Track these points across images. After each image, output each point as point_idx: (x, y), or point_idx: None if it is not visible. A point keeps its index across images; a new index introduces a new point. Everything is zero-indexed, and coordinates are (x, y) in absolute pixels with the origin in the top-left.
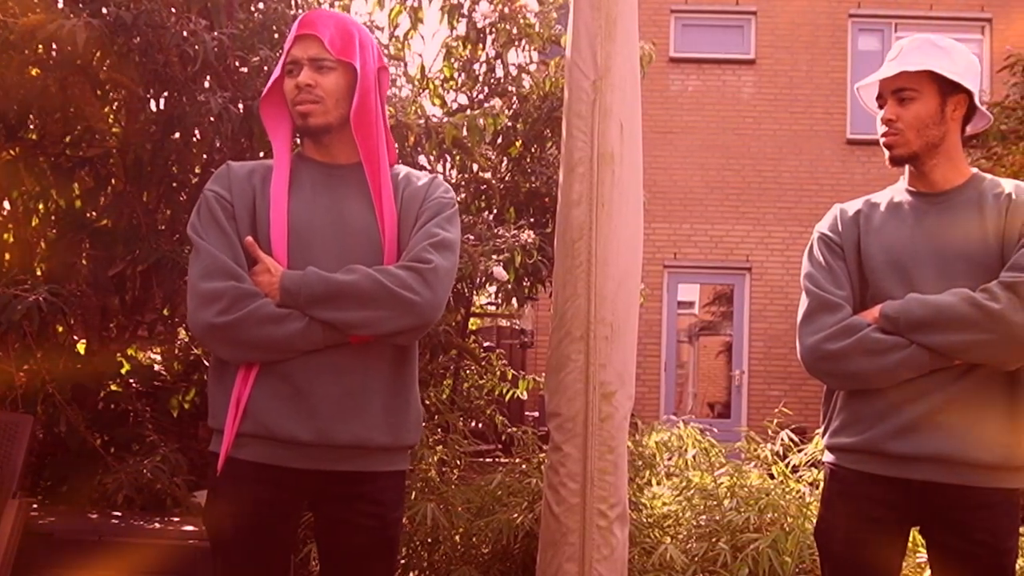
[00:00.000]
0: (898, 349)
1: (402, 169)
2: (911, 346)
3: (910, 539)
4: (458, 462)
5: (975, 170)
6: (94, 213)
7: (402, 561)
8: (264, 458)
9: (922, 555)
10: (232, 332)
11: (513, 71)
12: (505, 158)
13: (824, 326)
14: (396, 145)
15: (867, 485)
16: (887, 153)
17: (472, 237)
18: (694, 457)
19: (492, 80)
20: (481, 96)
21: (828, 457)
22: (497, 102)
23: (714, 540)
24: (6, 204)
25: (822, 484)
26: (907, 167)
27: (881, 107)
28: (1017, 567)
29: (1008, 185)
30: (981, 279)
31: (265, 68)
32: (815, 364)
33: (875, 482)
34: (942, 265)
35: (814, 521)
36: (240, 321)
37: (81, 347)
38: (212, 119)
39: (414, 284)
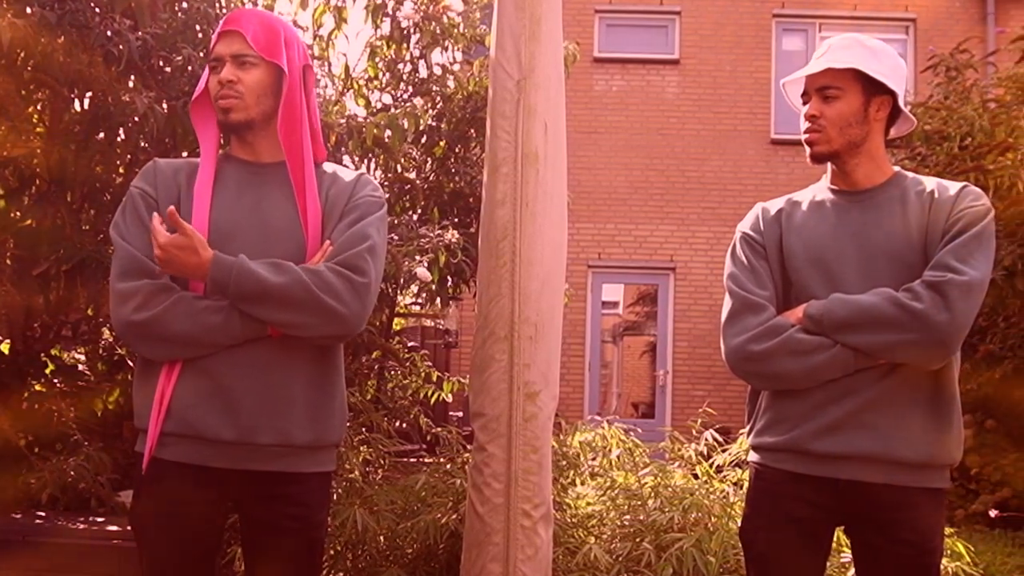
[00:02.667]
0: (822, 350)
1: (330, 167)
2: (835, 346)
3: (834, 539)
4: (382, 462)
5: (897, 168)
6: (18, 213)
7: (327, 562)
8: (188, 458)
9: (846, 555)
10: (149, 328)
11: (437, 71)
12: (429, 158)
13: (748, 327)
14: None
15: (792, 484)
16: (808, 150)
17: (396, 237)
18: (618, 457)
19: (416, 80)
20: (406, 96)
21: (753, 456)
22: (419, 101)
23: (638, 540)
24: None
25: (747, 484)
26: (829, 166)
27: (806, 104)
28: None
29: (930, 183)
30: (904, 276)
31: (189, 68)
32: (739, 365)
33: (800, 481)
34: (865, 263)
35: (739, 521)
36: (156, 317)
37: (5, 347)
38: (137, 119)
39: (344, 295)
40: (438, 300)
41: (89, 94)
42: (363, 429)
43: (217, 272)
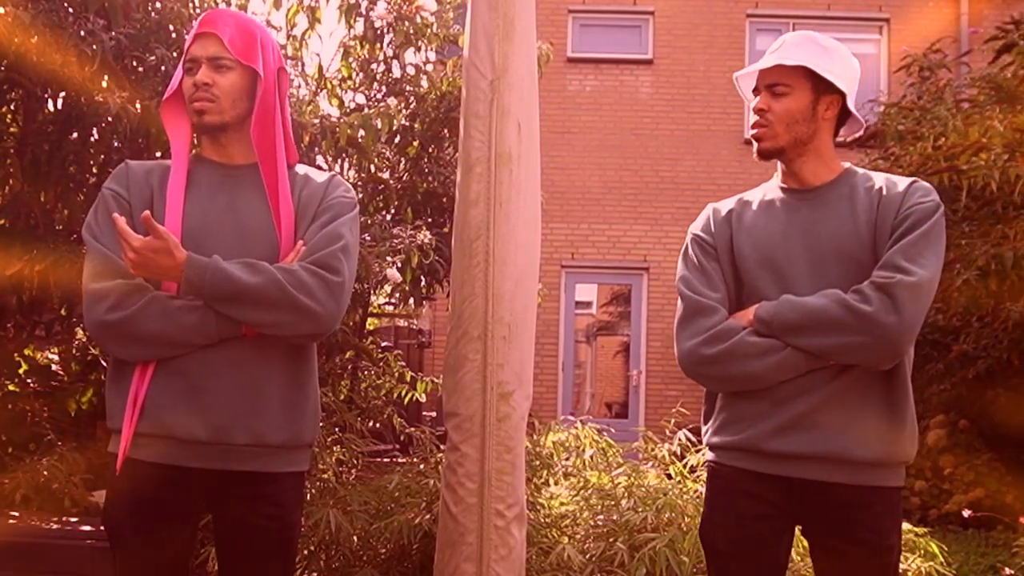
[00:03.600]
0: (773, 352)
1: (302, 168)
2: (786, 348)
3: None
4: (356, 462)
5: (847, 165)
6: None
7: (300, 563)
8: (162, 458)
9: None
10: (123, 328)
11: (411, 71)
12: (403, 158)
13: (699, 330)
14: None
15: (748, 483)
16: (755, 146)
17: (369, 237)
18: (592, 457)
19: (390, 80)
20: (379, 96)
21: (709, 455)
22: (392, 101)
23: (611, 540)
24: None
25: (706, 483)
26: (779, 164)
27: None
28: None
29: (879, 179)
30: (854, 275)
31: (162, 68)
32: (692, 368)
33: (756, 480)
34: (814, 262)
35: None
36: (130, 317)
37: None
38: (110, 119)
39: (319, 294)
40: (411, 300)
41: (63, 94)
42: (336, 429)
43: (192, 273)
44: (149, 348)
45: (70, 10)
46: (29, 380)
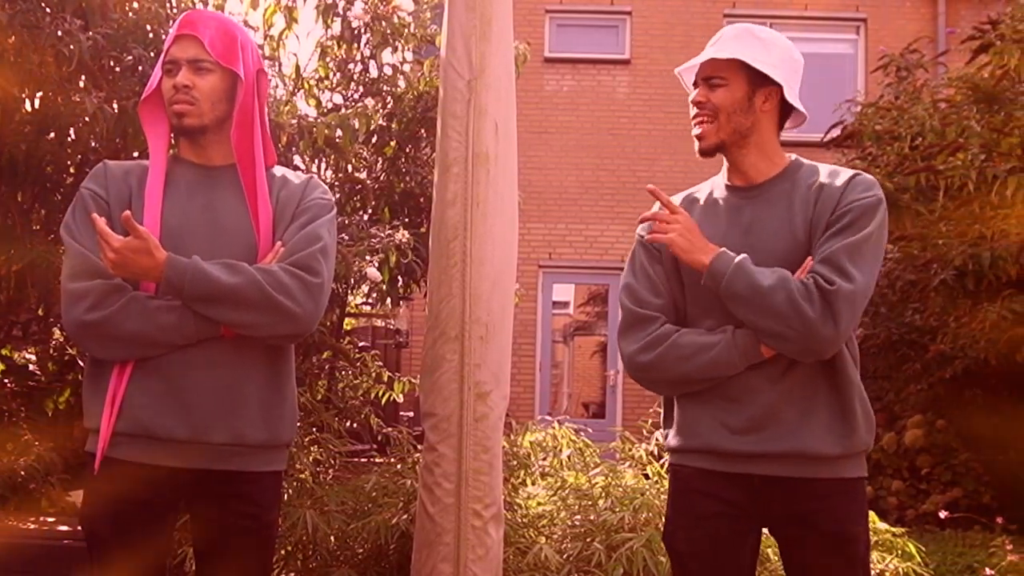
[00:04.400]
0: (705, 351)
1: (279, 170)
2: (716, 347)
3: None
4: (333, 462)
5: (792, 157)
6: None
7: (277, 563)
8: (141, 457)
9: None
10: (102, 328)
11: (388, 71)
12: (380, 158)
13: (637, 339)
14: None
15: (707, 482)
16: (696, 144)
17: (346, 237)
18: (569, 457)
19: (367, 80)
20: (356, 96)
21: (670, 459)
22: (370, 101)
23: (589, 540)
24: None
25: (668, 487)
26: (724, 162)
27: None
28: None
29: (823, 171)
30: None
31: (140, 68)
32: (634, 375)
33: (715, 479)
34: (756, 264)
35: None
36: (109, 317)
37: None
38: (87, 119)
39: (298, 295)
40: (389, 300)
41: (40, 94)
42: (313, 429)
43: (172, 273)
44: (128, 348)
45: (47, 10)
46: (6, 380)
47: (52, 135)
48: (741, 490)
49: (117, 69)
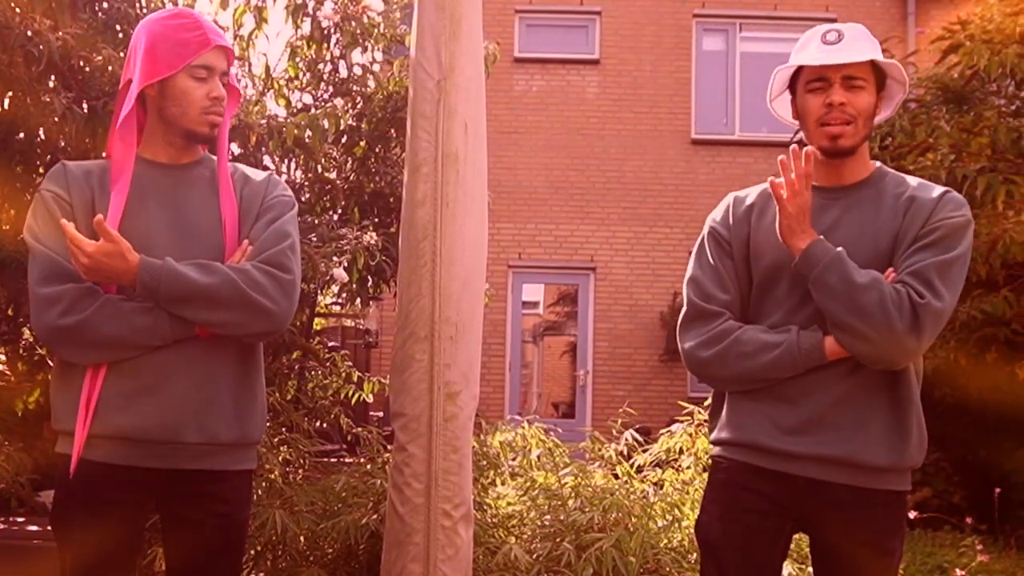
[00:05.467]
0: (767, 351)
1: (237, 166)
2: (780, 347)
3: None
4: (302, 462)
5: (877, 164)
6: None
7: (247, 563)
8: (115, 458)
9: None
10: (78, 333)
11: (358, 71)
12: (350, 158)
13: (699, 333)
14: (239, 146)
15: (751, 478)
16: (829, 143)
17: (316, 238)
18: (538, 457)
19: (337, 80)
20: (326, 96)
21: (715, 451)
22: (339, 101)
23: (558, 540)
24: None
25: (708, 478)
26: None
27: (813, 91)
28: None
29: (912, 183)
30: None
31: (109, 68)
32: (693, 370)
33: (759, 476)
34: None
35: (658, 521)
36: (85, 321)
37: None
38: (56, 119)
39: (273, 292)
40: (358, 300)
41: (9, 94)
42: (283, 429)
43: (146, 276)
44: (103, 351)
45: (17, 10)
46: None
47: (22, 135)
48: (784, 489)
49: (87, 69)
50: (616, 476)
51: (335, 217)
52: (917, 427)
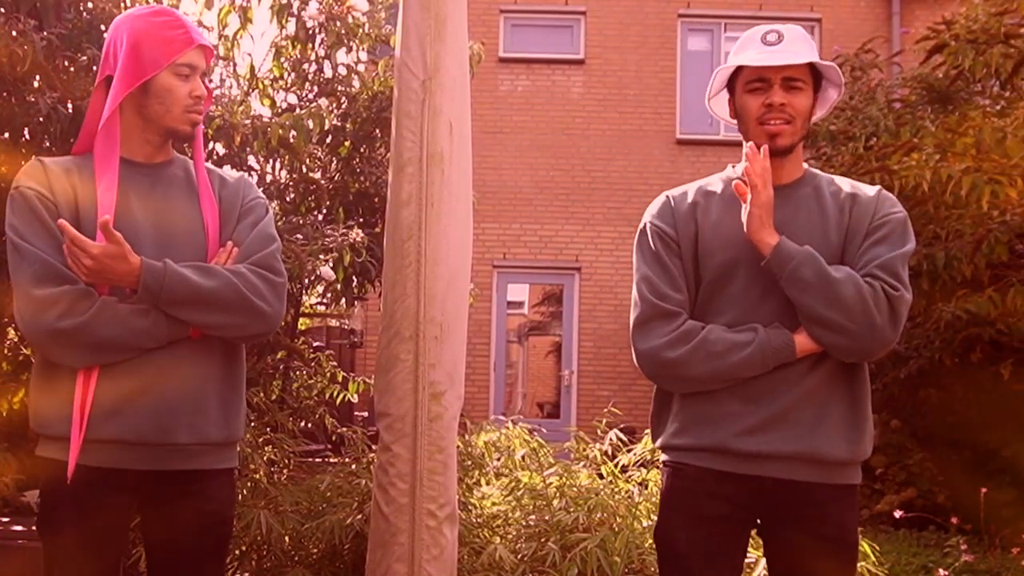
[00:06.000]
0: (736, 350)
1: (207, 166)
2: (750, 346)
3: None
4: (287, 462)
5: (806, 166)
6: None
7: (231, 563)
8: (108, 462)
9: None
10: (77, 336)
11: (343, 71)
12: (334, 158)
13: (660, 334)
14: (224, 146)
15: (713, 483)
16: (769, 142)
17: (301, 237)
18: (523, 457)
19: (321, 80)
20: (311, 96)
21: (668, 456)
22: (324, 102)
23: (543, 540)
24: None
25: (663, 484)
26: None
27: (750, 91)
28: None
29: (844, 183)
30: None
31: (94, 68)
32: (653, 371)
33: (722, 480)
34: None
35: (644, 521)
36: (85, 324)
37: None
38: (41, 119)
39: (267, 295)
40: (343, 300)
41: None
42: (268, 429)
43: (149, 278)
44: (101, 354)
45: (1, 10)
46: None
47: (6, 135)
48: (747, 490)
49: (72, 69)
50: (601, 476)
51: (320, 217)
52: (870, 420)
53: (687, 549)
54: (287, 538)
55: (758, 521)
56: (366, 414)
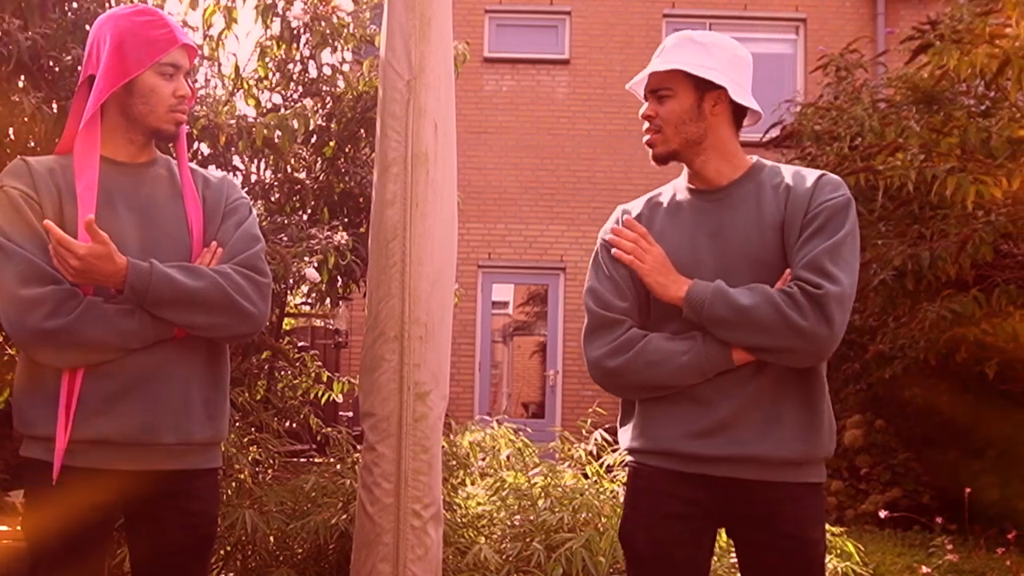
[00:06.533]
0: (675, 357)
1: (190, 166)
2: (687, 354)
3: (724, 540)
4: (272, 462)
5: (754, 159)
6: None
7: (216, 564)
8: (94, 463)
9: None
10: (63, 336)
11: (327, 71)
12: (319, 158)
13: (604, 343)
14: (209, 146)
15: (670, 483)
16: (650, 152)
17: (286, 238)
18: (508, 457)
19: (306, 80)
20: (296, 96)
21: (630, 458)
22: (309, 102)
23: (528, 540)
24: None
25: (626, 485)
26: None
27: None
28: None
29: (787, 172)
30: (764, 277)
31: (78, 68)
32: (600, 380)
33: (678, 480)
34: (723, 267)
35: None
36: (70, 324)
37: None
38: (26, 119)
39: (253, 295)
40: (328, 300)
41: None
42: (253, 429)
43: (136, 279)
44: (87, 354)
45: None
46: None
47: None
48: (703, 490)
49: (57, 69)
50: (586, 476)
51: (305, 217)
52: (828, 416)
53: (646, 548)
54: (272, 538)
55: (721, 521)
56: (351, 414)
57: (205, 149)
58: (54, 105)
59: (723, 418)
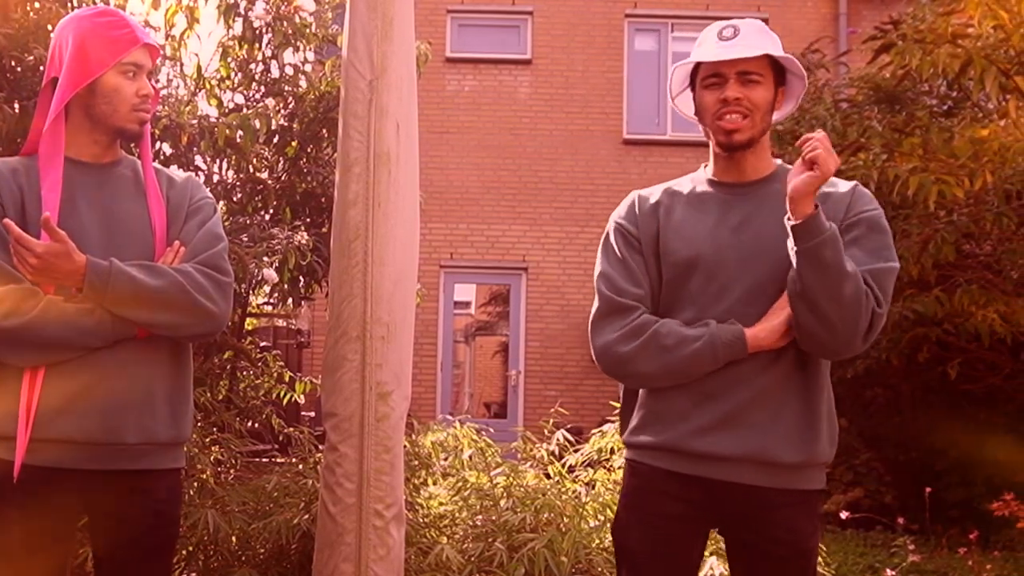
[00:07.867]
0: (687, 344)
1: (155, 166)
2: (700, 340)
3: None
4: (234, 463)
5: (779, 162)
6: None
7: (178, 563)
8: (56, 462)
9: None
10: (21, 335)
11: (289, 71)
12: (281, 158)
13: (614, 329)
14: (171, 146)
15: (667, 482)
16: (726, 138)
17: (247, 238)
18: (470, 457)
19: (268, 80)
20: (258, 96)
21: (628, 453)
22: (271, 102)
23: (490, 540)
24: None
25: (623, 481)
26: (712, 157)
27: (709, 86)
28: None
29: None
30: (782, 274)
31: (40, 68)
32: (608, 368)
33: (675, 480)
34: (744, 259)
35: (590, 521)
36: (29, 324)
37: None
38: None
39: (214, 294)
40: (290, 300)
41: None
42: (215, 429)
43: (94, 277)
44: (46, 353)
45: None
46: None
47: None
48: (702, 491)
49: (19, 69)
50: (548, 476)
51: (267, 217)
52: (828, 422)
53: (639, 546)
54: (234, 538)
55: (716, 522)
56: (313, 414)
57: (167, 149)
58: (16, 105)
59: (729, 412)
